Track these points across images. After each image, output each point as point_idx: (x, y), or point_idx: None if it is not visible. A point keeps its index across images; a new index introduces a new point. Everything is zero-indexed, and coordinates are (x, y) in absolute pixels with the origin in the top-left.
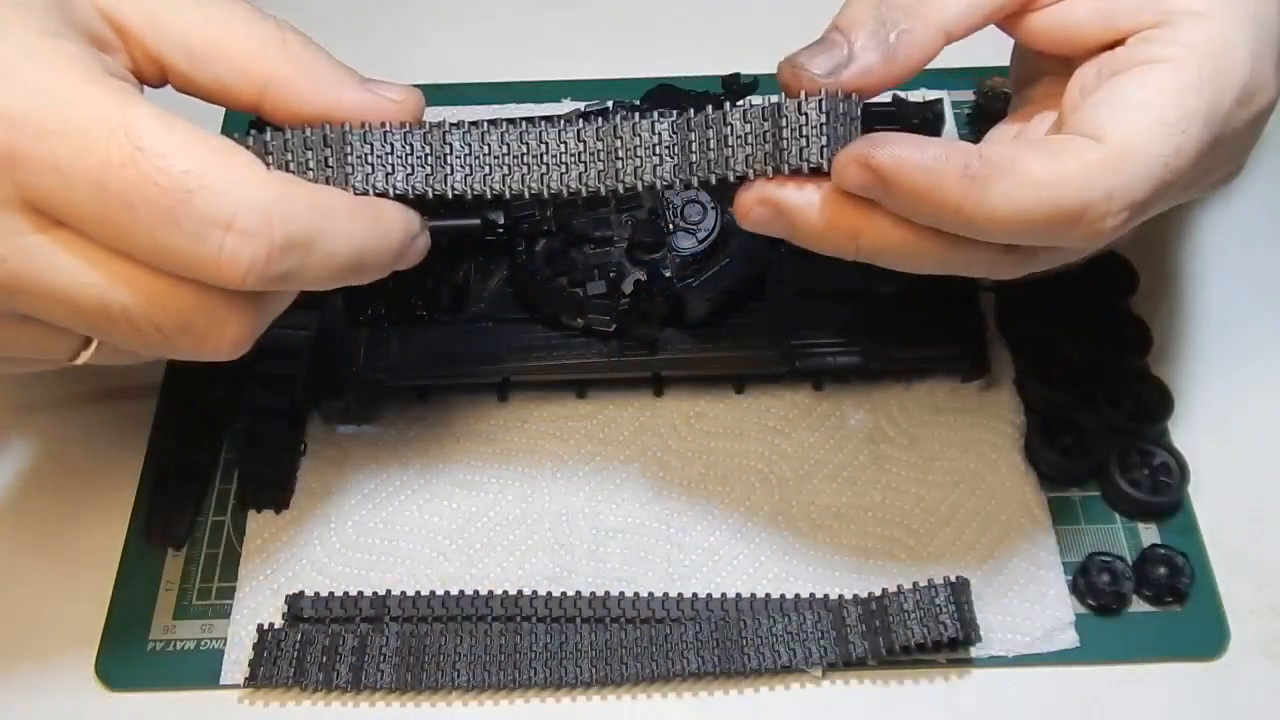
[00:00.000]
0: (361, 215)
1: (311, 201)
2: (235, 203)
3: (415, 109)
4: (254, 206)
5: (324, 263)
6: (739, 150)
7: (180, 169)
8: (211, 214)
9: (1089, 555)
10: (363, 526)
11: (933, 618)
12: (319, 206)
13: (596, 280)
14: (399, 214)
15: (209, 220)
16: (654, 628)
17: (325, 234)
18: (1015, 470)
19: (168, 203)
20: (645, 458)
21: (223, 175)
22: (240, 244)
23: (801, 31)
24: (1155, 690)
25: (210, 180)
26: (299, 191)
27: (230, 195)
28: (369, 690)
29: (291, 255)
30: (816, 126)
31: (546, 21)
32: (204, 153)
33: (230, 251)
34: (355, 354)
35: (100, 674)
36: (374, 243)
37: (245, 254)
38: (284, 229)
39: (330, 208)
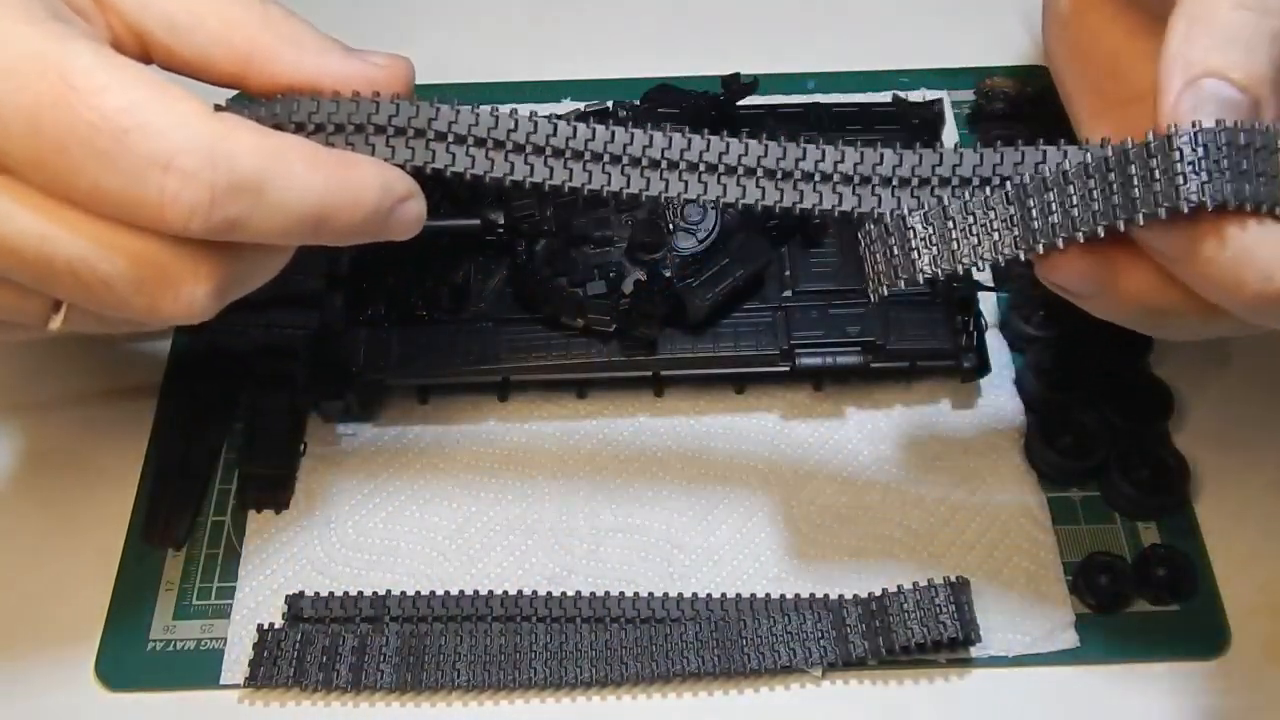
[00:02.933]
0: (325, 166)
1: (260, 144)
2: (175, 142)
3: (403, 76)
4: (195, 146)
5: (277, 211)
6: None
7: (114, 106)
8: (149, 153)
9: (1089, 555)
10: (363, 526)
11: (933, 618)
12: (269, 150)
13: (596, 280)
14: (375, 171)
15: (146, 160)
16: (654, 628)
17: (277, 178)
18: (1015, 470)
19: (103, 143)
20: (645, 457)
21: (161, 113)
22: (181, 185)
23: (802, 31)
24: (1155, 690)
25: (147, 118)
26: (246, 132)
27: (170, 134)
28: (369, 690)
29: (239, 199)
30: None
31: (546, 21)
32: (142, 90)
33: (171, 192)
34: (355, 354)
35: (100, 674)
36: (339, 197)
37: (187, 196)
38: (228, 170)
39: (282, 152)
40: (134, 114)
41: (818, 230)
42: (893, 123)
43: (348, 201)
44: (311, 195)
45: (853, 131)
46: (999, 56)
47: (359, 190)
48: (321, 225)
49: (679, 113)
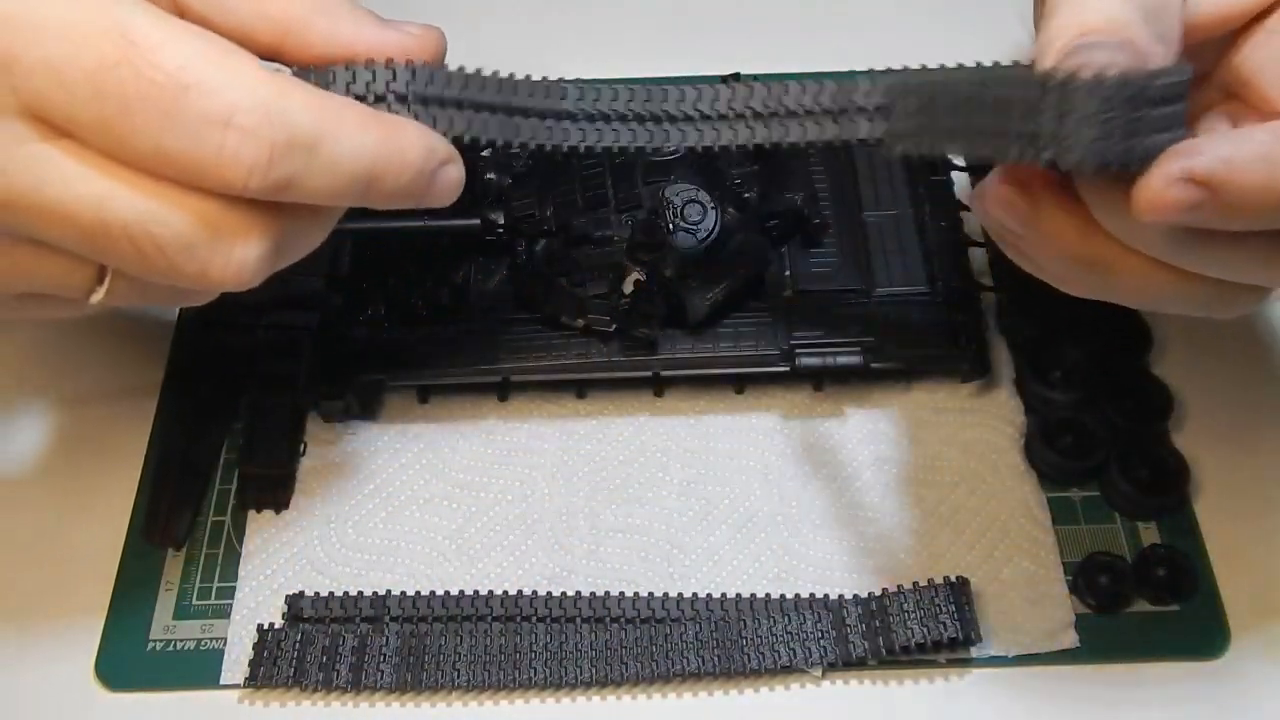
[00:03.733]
0: (374, 127)
1: (315, 102)
2: (234, 99)
3: (436, 45)
4: (254, 103)
5: (330, 169)
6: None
7: (175, 64)
8: (210, 111)
9: (1089, 555)
10: (363, 526)
11: (933, 618)
12: (324, 108)
13: (596, 280)
14: (419, 133)
15: (207, 117)
16: (654, 628)
17: (330, 137)
18: (1015, 470)
19: (164, 101)
20: (645, 458)
21: (220, 71)
22: (241, 142)
23: (802, 31)
24: (1155, 690)
25: (207, 76)
26: (301, 91)
27: (229, 92)
28: (369, 690)
29: (294, 156)
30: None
31: (546, 22)
32: (201, 47)
33: (231, 150)
34: (355, 354)
35: (100, 674)
36: (388, 157)
37: (247, 153)
38: (286, 127)
39: (336, 111)
40: (194, 71)
41: (818, 230)
42: None
43: (395, 162)
44: (364, 154)
45: None
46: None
47: (406, 151)
48: (371, 185)
49: None
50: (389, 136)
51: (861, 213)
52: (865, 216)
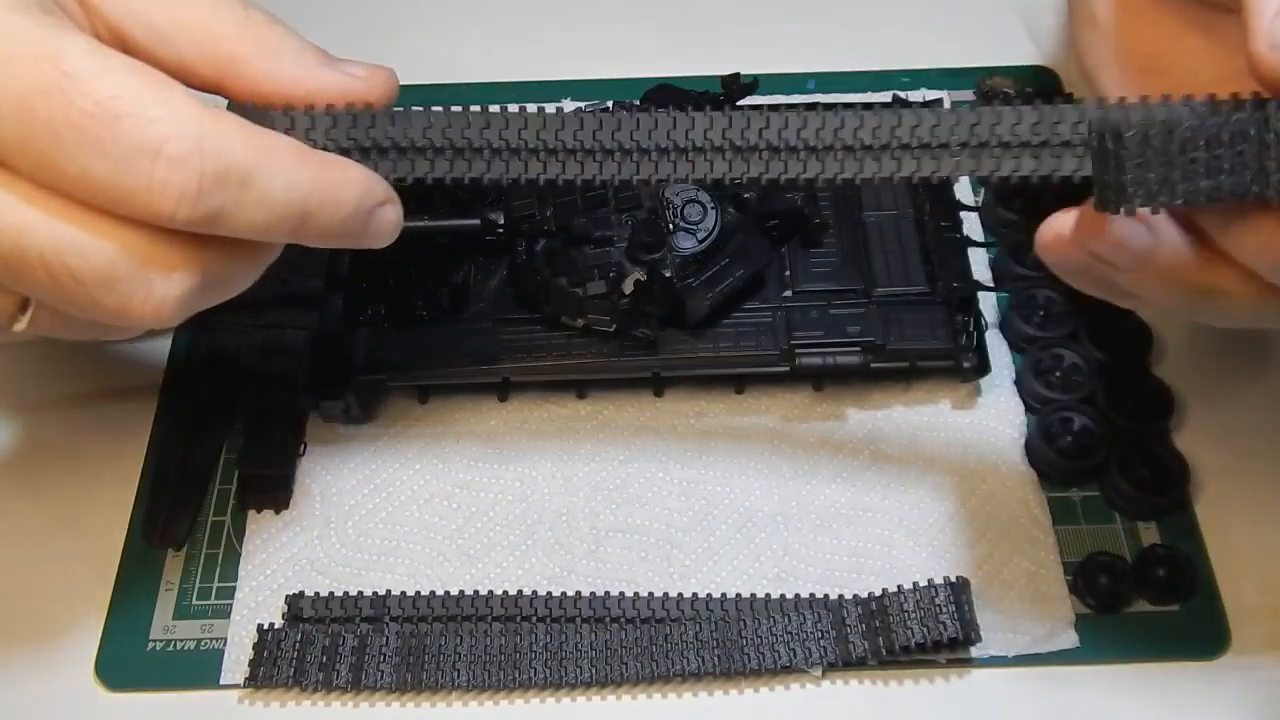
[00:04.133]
0: (310, 164)
1: (249, 136)
2: (165, 130)
3: (383, 87)
4: (185, 134)
5: (262, 203)
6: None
7: (108, 93)
8: (140, 140)
9: (1089, 555)
10: (363, 526)
11: (933, 618)
12: (259, 142)
13: (596, 280)
14: (357, 173)
15: (137, 147)
16: (654, 628)
17: (264, 171)
18: (1015, 470)
19: (95, 129)
20: (645, 458)
21: (153, 102)
22: (170, 171)
23: (802, 31)
24: (1155, 690)
25: (139, 106)
26: (236, 125)
27: (160, 122)
28: (369, 690)
29: (226, 189)
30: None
31: (546, 21)
32: (134, 79)
33: (160, 179)
34: (355, 354)
35: (100, 674)
36: (322, 195)
37: (176, 182)
38: (218, 158)
39: (272, 145)
40: (127, 101)
41: (818, 230)
42: None
43: (330, 200)
44: (297, 191)
45: None
46: (999, 56)
47: (341, 189)
48: (305, 222)
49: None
50: (325, 174)
51: (861, 213)
52: (865, 216)
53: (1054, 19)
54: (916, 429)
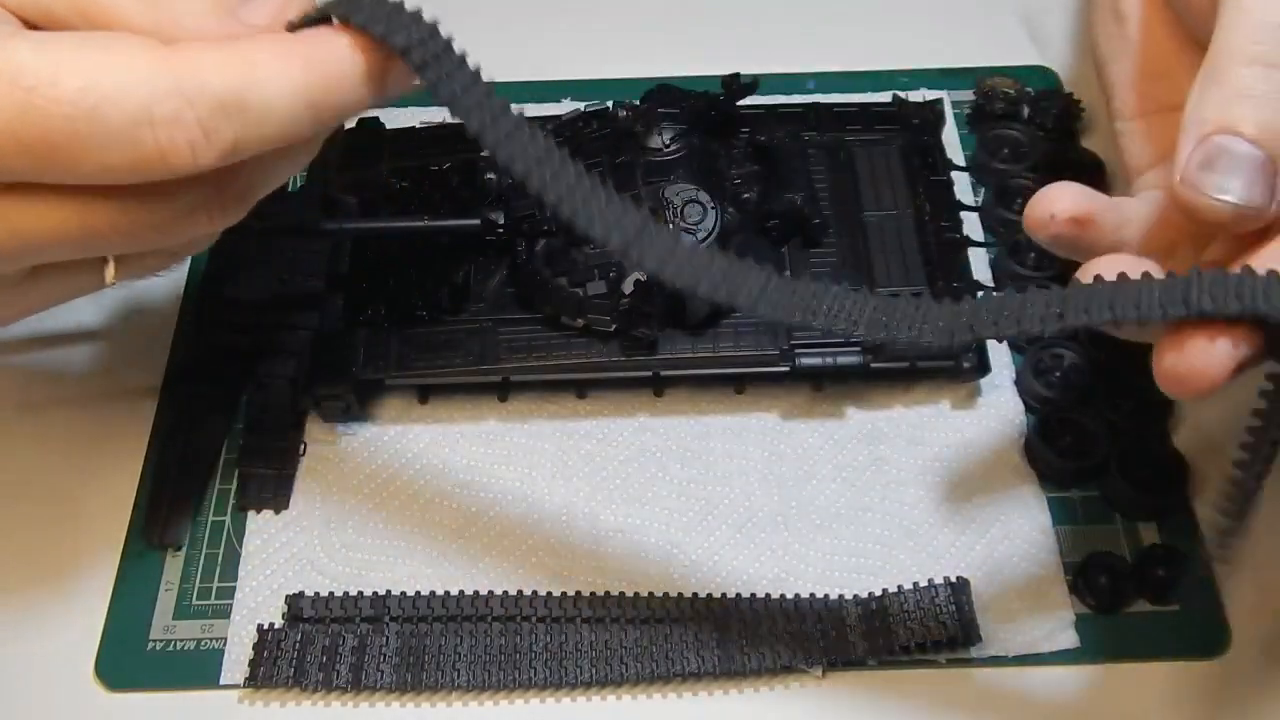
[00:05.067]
0: (296, 56)
1: (224, 60)
2: (142, 96)
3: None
4: (164, 89)
5: (268, 116)
6: None
7: (73, 89)
8: (128, 117)
9: (1089, 555)
10: (363, 526)
11: (933, 618)
12: (235, 62)
13: (596, 280)
14: (346, 44)
15: (129, 123)
16: (654, 628)
17: (253, 87)
18: (1015, 470)
19: (82, 127)
20: (645, 458)
21: (118, 74)
22: (171, 131)
23: (802, 31)
24: (1155, 690)
25: (107, 87)
26: (205, 55)
27: (134, 91)
28: (369, 690)
29: (228, 121)
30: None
31: (546, 21)
32: (90, 60)
33: (166, 141)
34: (355, 354)
35: (100, 674)
36: (322, 82)
37: (182, 139)
38: (205, 99)
39: (249, 59)
40: (95, 87)
41: (818, 230)
42: (893, 123)
43: (333, 82)
44: (295, 88)
45: (853, 131)
46: (999, 56)
47: (338, 67)
48: (319, 110)
49: (679, 113)
50: (313, 58)
51: (861, 213)
52: (865, 216)
53: (1054, 19)
54: (916, 429)
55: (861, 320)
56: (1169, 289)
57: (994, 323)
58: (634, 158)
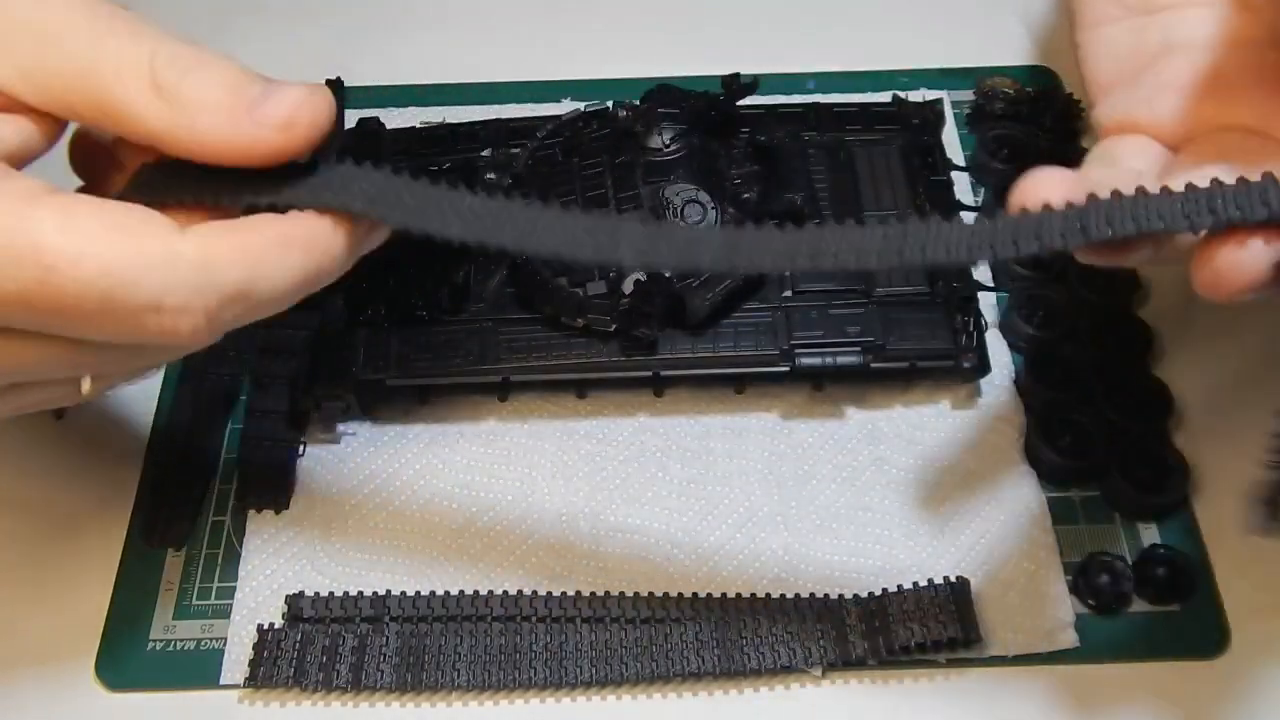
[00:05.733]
0: (296, 242)
1: (236, 256)
2: (157, 288)
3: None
4: (177, 285)
5: (269, 299)
6: None
7: (94, 272)
8: (138, 304)
9: (1089, 555)
10: (363, 526)
11: (933, 618)
12: (245, 257)
13: (596, 280)
14: (340, 226)
15: (138, 309)
16: (654, 628)
17: (261, 279)
18: (1015, 470)
19: (92, 305)
20: (645, 458)
21: (137, 264)
22: (176, 318)
23: (802, 31)
24: (1155, 690)
25: (126, 274)
26: (220, 248)
27: (150, 281)
28: (369, 690)
29: (232, 307)
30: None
31: (546, 21)
32: (113, 245)
33: (170, 326)
34: (355, 354)
35: (100, 674)
36: (318, 263)
37: (186, 325)
38: (213, 291)
39: (258, 252)
40: (112, 273)
41: None
42: (893, 123)
43: (327, 260)
44: (294, 274)
45: (853, 131)
46: (999, 56)
47: (330, 246)
48: (313, 284)
49: (679, 113)
50: (313, 245)
51: (861, 213)
52: (865, 216)
53: (1054, 19)
54: (916, 429)
55: (873, 251)
56: (1193, 199)
57: (1013, 241)
58: (634, 158)
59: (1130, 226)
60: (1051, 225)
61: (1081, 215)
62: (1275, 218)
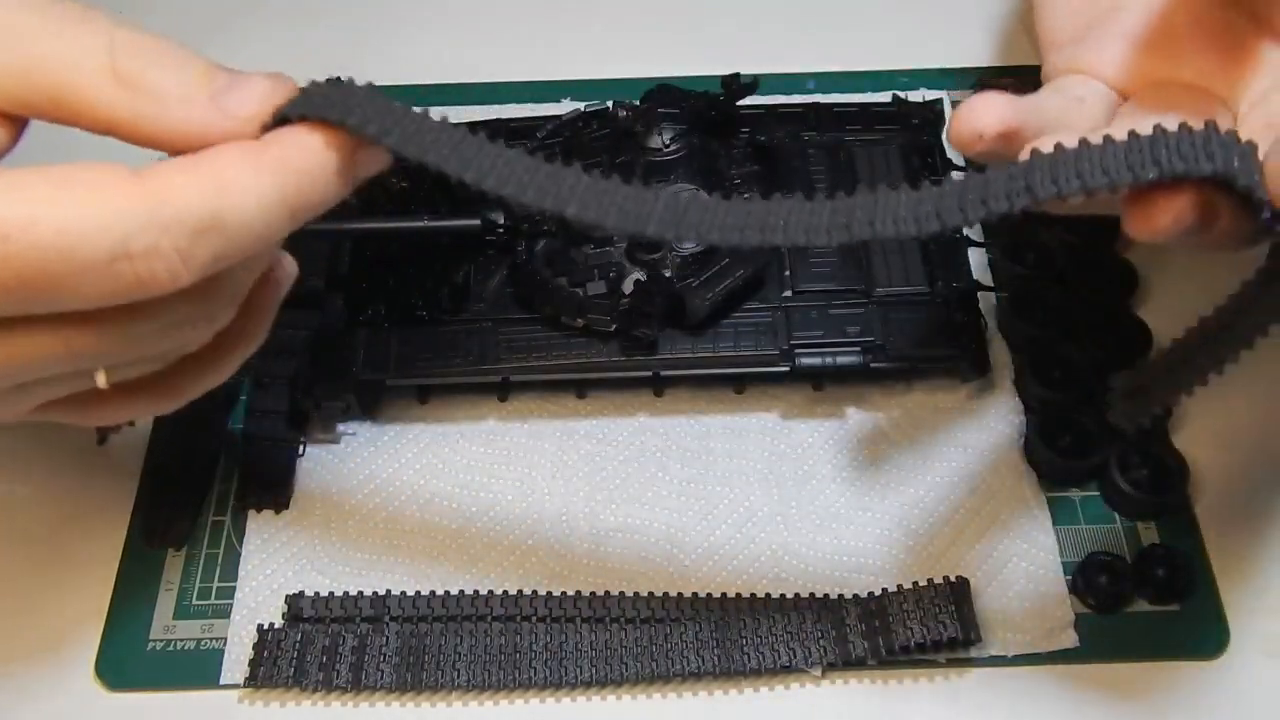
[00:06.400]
0: (266, 164)
1: (197, 185)
2: (118, 234)
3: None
4: (138, 227)
5: (245, 229)
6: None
7: (49, 233)
8: (105, 254)
9: (1089, 555)
10: (363, 526)
11: (933, 618)
12: (206, 182)
13: (596, 280)
14: (316, 142)
15: (108, 260)
16: (654, 628)
17: (229, 207)
18: (1015, 470)
19: (60, 268)
20: (645, 458)
21: (92, 214)
22: (147, 262)
23: (802, 31)
24: (1155, 690)
25: (83, 227)
26: (176, 180)
27: (110, 229)
28: (369, 690)
29: (205, 241)
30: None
31: (546, 21)
32: (64, 202)
33: (145, 271)
34: (355, 354)
35: (100, 674)
36: (296, 182)
37: (160, 268)
38: (179, 225)
39: (218, 175)
40: (68, 229)
41: None
42: (893, 123)
43: (308, 177)
44: (269, 197)
45: (853, 131)
46: (999, 56)
47: (312, 161)
48: (297, 211)
49: (679, 113)
50: (284, 165)
51: None
52: None
53: None
54: (916, 429)
55: (821, 228)
56: (1136, 150)
57: (960, 209)
58: (634, 158)
59: (1074, 184)
60: (997, 188)
61: (1027, 174)
62: (1218, 172)
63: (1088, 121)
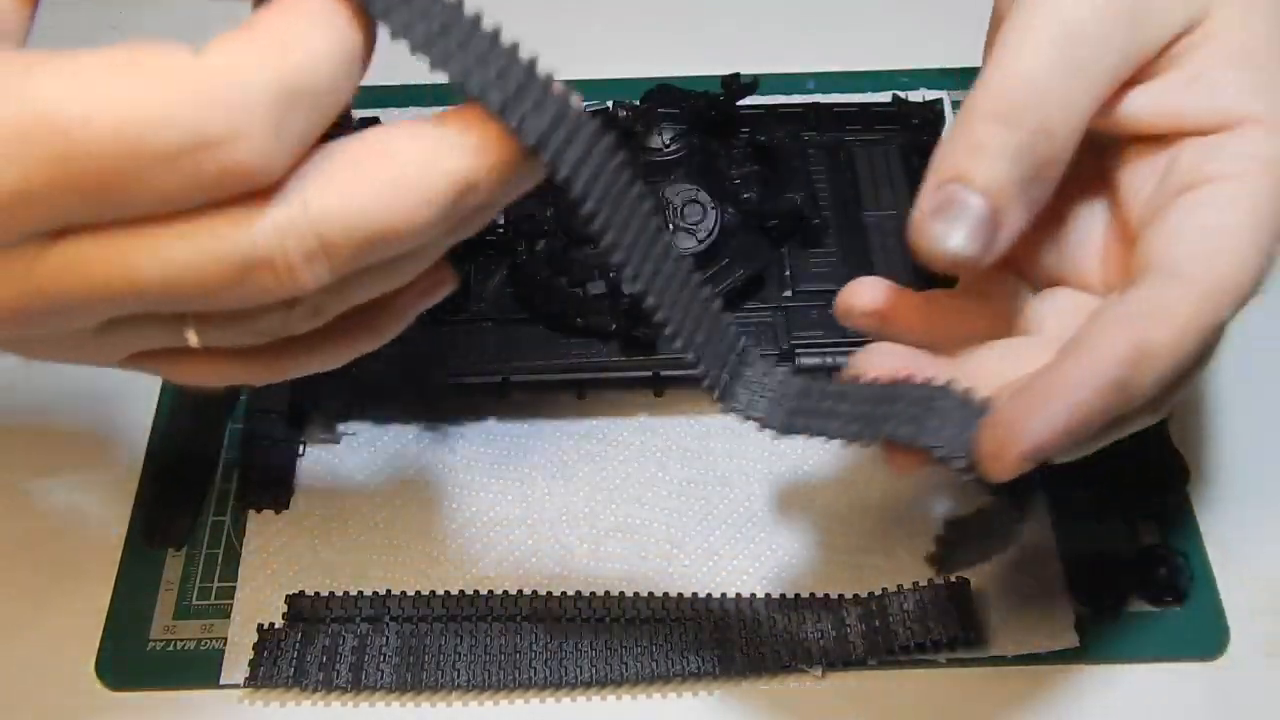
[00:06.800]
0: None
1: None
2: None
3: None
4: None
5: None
6: None
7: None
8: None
9: (1090, 555)
10: (363, 526)
11: (933, 618)
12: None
13: (596, 280)
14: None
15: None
16: (654, 628)
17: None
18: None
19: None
20: (645, 458)
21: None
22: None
23: (802, 31)
24: (1155, 690)
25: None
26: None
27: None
28: (369, 690)
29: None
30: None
31: (546, 21)
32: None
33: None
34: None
35: (100, 674)
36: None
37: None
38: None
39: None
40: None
41: (818, 230)
42: (893, 123)
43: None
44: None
45: (853, 131)
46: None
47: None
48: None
49: (679, 113)
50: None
51: (861, 213)
52: (865, 216)
53: None
54: None
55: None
56: (872, 416)
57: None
58: (634, 158)
59: (821, 431)
60: (768, 412)
61: (790, 414)
62: (932, 454)
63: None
